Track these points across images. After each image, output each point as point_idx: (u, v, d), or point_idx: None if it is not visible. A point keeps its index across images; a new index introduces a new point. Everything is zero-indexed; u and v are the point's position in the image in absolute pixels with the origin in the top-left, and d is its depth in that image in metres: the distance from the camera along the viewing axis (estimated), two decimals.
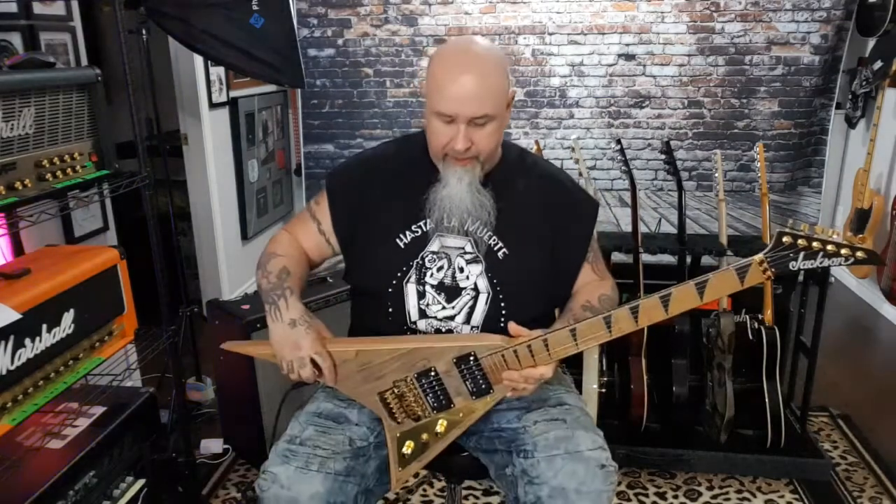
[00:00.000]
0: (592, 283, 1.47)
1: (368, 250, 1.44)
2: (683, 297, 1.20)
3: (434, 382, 1.32)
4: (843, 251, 1.11)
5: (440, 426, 1.34)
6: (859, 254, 1.11)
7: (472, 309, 1.39)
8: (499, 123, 1.32)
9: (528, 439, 1.31)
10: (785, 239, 1.13)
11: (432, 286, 1.39)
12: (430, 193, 1.37)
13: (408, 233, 1.41)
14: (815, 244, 1.12)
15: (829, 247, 1.11)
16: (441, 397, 1.33)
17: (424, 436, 1.35)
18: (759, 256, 1.15)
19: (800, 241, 1.12)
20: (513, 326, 1.29)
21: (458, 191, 1.34)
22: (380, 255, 1.42)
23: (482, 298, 1.39)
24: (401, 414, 1.35)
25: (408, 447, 1.35)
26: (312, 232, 1.50)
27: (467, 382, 1.31)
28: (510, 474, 1.32)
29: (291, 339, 1.31)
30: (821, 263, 1.12)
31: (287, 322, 1.32)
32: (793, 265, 1.13)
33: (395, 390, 1.33)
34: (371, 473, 1.36)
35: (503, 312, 1.38)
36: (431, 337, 1.38)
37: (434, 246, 1.40)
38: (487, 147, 1.33)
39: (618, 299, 1.46)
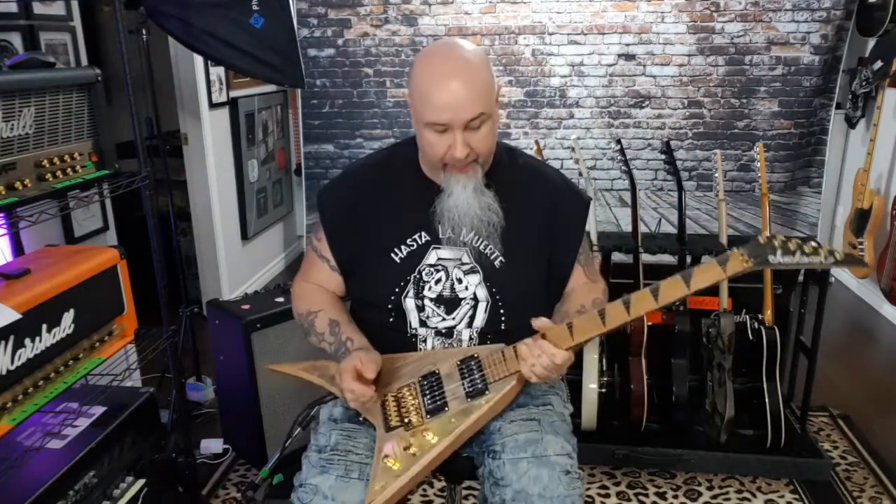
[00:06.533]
0: (585, 286, 1.45)
1: (364, 267, 1.42)
2: (671, 288, 1.20)
3: (434, 383, 1.33)
4: (821, 251, 1.13)
5: (431, 436, 1.28)
6: (837, 255, 1.12)
7: (472, 318, 1.39)
8: (492, 122, 1.30)
9: (498, 440, 1.31)
10: (761, 239, 1.15)
11: (431, 300, 1.38)
12: (435, 205, 1.35)
13: (403, 247, 1.39)
14: (791, 244, 1.14)
15: (807, 247, 1.13)
16: (437, 399, 1.32)
17: (413, 449, 1.27)
18: (737, 251, 1.17)
19: (776, 241, 1.15)
20: (536, 322, 1.24)
21: (464, 198, 1.31)
22: (376, 271, 1.40)
23: (481, 306, 1.39)
24: (395, 418, 1.32)
25: (393, 463, 1.26)
26: (326, 272, 1.46)
27: (465, 382, 1.31)
28: (480, 474, 1.34)
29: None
30: (800, 260, 1.13)
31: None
32: (772, 258, 1.15)
33: (398, 394, 1.34)
34: None
35: (503, 318, 1.39)
36: (442, 351, 1.39)
37: (431, 258, 1.38)
38: (486, 148, 1.31)
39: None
